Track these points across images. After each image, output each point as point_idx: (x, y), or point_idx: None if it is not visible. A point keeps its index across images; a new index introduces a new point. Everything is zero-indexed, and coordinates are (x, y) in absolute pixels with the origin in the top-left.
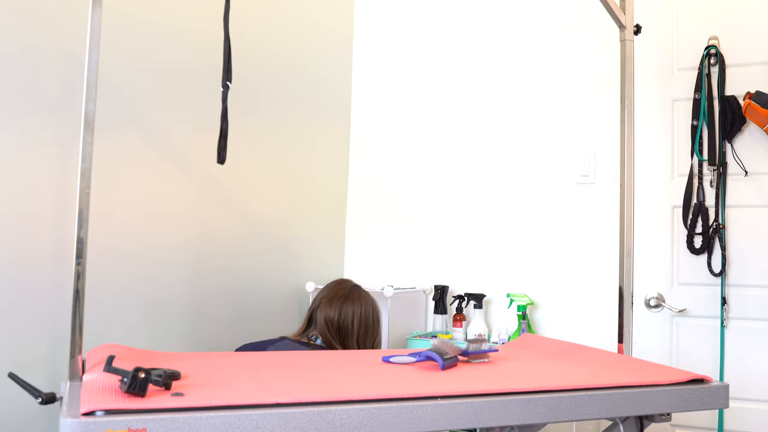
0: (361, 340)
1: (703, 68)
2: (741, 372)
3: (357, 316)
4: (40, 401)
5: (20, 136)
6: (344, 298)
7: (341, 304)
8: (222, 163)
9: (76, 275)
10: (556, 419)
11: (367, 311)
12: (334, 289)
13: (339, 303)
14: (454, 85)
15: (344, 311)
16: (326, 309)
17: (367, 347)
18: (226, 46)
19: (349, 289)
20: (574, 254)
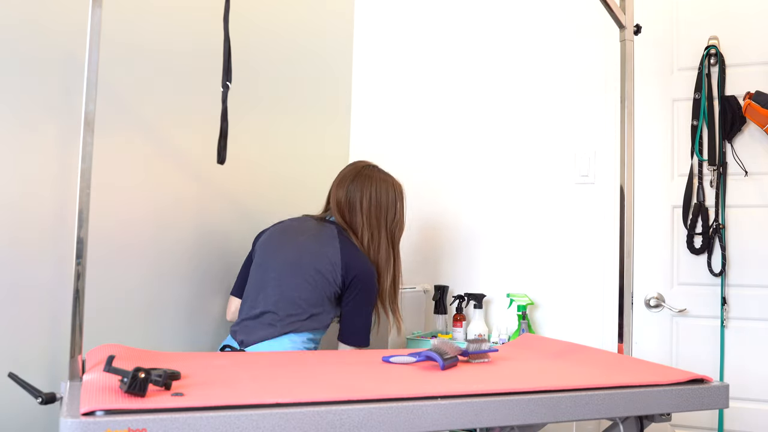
0: (374, 222)
1: (703, 68)
2: (741, 372)
3: (367, 196)
4: (40, 401)
5: (20, 136)
6: (353, 177)
7: (348, 184)
8: (222, 163)
9: (76, 275)
10: (556, 419)
11: (378, 190)
12: (345, 170)
13: (347, 183)
14: (453, 85)
15: (350, 190)
16: (336, 190)
17: (381, 230)
18: (226, 46)
19: (359, 168)
20: (574, 254)
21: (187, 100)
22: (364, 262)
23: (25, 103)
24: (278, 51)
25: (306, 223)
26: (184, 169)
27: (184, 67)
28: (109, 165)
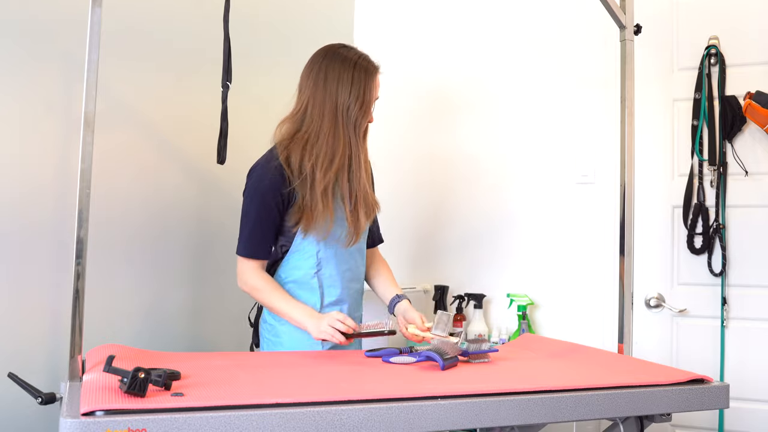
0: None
1: (703, 68)
2: (741, 372)
3: (313, 75)
4: (40, 401)
5: (20, 136)
6: (320, 56)
7: (310, 65)
8: (222, 162)
9: (76, 275)
10: (556, 419)
11: (333, 69)
12: (316, 51)
13: (312, 63)
14: (453, 85)
15: (308, 71)
16: (302, 75)
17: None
18: (226, 46)
19: (333, 45)
20: (574, 254)
21: (187, 100)
22: (261, 157)
23: (25, 103)
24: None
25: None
26: (184, 169)
27: (184, 67)
28: (109, 165)
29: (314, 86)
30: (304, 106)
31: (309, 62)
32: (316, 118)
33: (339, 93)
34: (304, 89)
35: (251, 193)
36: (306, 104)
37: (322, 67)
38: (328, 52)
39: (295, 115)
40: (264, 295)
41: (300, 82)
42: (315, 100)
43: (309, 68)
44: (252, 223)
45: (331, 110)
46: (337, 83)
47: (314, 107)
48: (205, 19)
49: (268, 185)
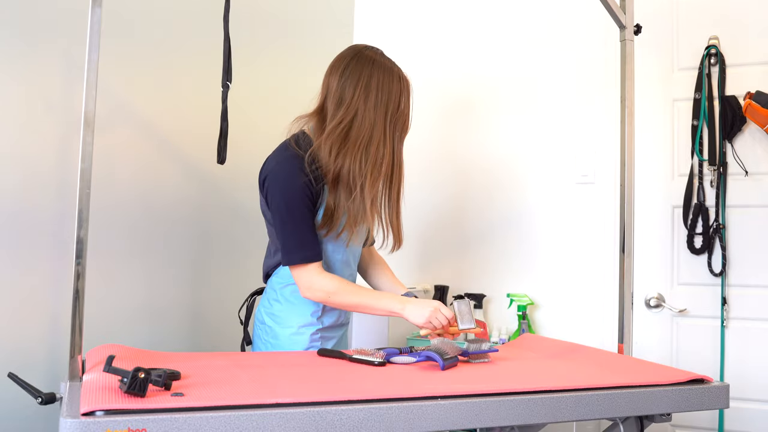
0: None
1: (703, 68)
2: (741, 372)
3: (364, 81)
4: (40, 401)
5: (20, 136)
6: (350, 59)
7: (344, 68)
8: (222, 162)
9: (76, 275)
10: (556, 419)
11: (382, 74)
12: (342, 52)
13: (341, 67)
14: (454, 85)
15: (345, 76)
16: (328, 77)
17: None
18: (226, 46)
19: (358, 49)
20: (574, 254)
21: (187, 100)
22: (275, 153)
23: (25, 103)
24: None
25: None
26: (184, 169)
27: (184, 67)
28: (109, 165)
29: (365, 95)
30: (351, 114)
31: (349, 66)
32: (367, 127)
33: (390, 103)
34: (348, 95)
35: (288, 194)
36: (354, 112)
37: (373, 75)
38: (371, 59)
39: (323, 113)
40: (343, 297)
41: (337, 86)
42: (366, 108)
43: (355, 74)
44: (299, 225)
45: (382, 120)
46: (387, 94)
47: (365, 116)
48: (205, 19)
49: (303, 184)
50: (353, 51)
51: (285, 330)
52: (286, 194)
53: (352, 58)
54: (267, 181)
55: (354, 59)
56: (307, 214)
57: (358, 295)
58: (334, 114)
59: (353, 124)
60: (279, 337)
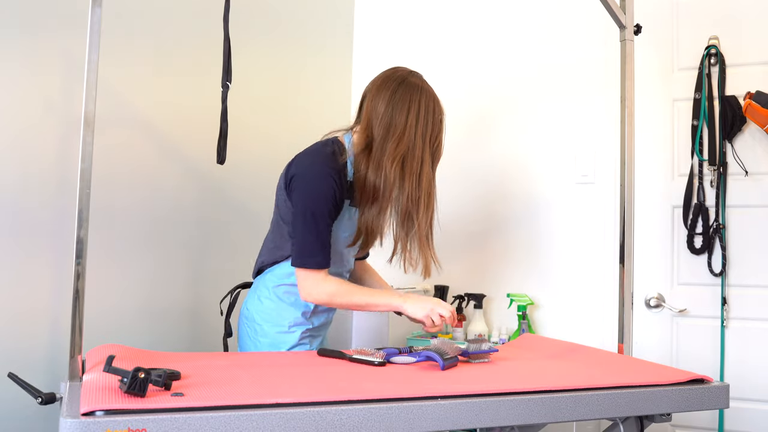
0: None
1: (703, 68)
2: (741, 372)
3: (415, 109)
4: (40, 401)
5: (20, 136)
6: (397, 84)
7: (391, 93)
8: (222, 162)
9: (76, 275)
10: (556, 419)
11: (428, 102)
12: (385, 74)
13: (388, 91)
14: (454, 85)
15: (395, 101)
16: (373, 99)
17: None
18: (226, 46)
19: (404, 75)
20: (574, 254)
21: (187, 100)
22: (308, 153)
23: (25, 103)
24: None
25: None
26: (184, 169)
27: (184, 67)
28: (109, 165)
29: (416, 124)
30: (406, 145)
31: (397, 92)
32: (418, 156)
33: (434, 132)
34: (400, 123)
35: (316, 199)
36: (409, 143)
37: (422, 103)
38: (418, 87)
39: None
40: (345, 298)
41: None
42: (416, 137)
43: (404, 101)
44: (321, 232)
45: (428, 149)
46: (432, 123)
47: (415, 144)
48: (205, 19)
49: (332, 192)
50: (400, 76)
51: (275, 328)
52: (315, 199)
53: (400, 83)
54: (295, 180)
55: (402, 85)
56: (329, 221)
57: (359, 295)
58: (384, 140)
59: (407, 154)
60: (268, 335)
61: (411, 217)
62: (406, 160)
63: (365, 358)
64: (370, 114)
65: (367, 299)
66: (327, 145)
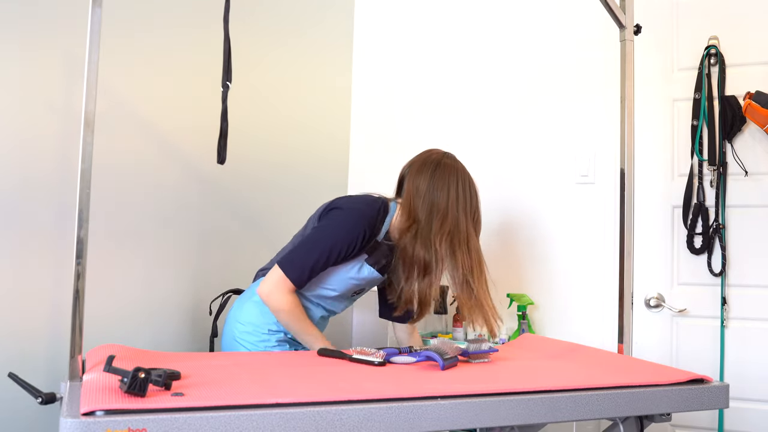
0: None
1: (703, 68)
2: (741, 372)
3: (454, 189)
4: (40, 401)
5: (20, 136)
6: (434, 166)
7: (431, 173)
8: (222, 162)
9: (76, 275)
10: (556, 419)
11: (464, 186)
12: (424, 154)
13: (428, 171)
14: (454, 85)
15: (435, 180)
16: (414, 177)
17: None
18: (226, 46)
19: (439, 157)
20: (574, 254)
21: (187, 100)
22: (356, 197)
23: (25, 103)
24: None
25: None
26: (184, 169)
27: (184, 67)
28: (109, 165)
29: (456, 202)
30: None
31: (436, 173)
32: (464, 231)
33: (474, 206)
34: (442, 202)
35: (341, 230)
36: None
37: (459, 182)
38: (454, 168)
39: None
40: (292, 319)
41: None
42: (458, 214)
43: (443, 181)
44: (322, 258)
45: (472, 223)
46: (470, 199)
47: (459, 220)
48: (205, 19)
49: (356, 237)
50: (435, 159)
51: (254, 331)
52: (338, 233)
53: (437, 166)
54: (334, 211)
55: (439, 167)
56: (334, 259)
57: (300, 324)
58: (429, 219)
59: (454, 230)
60: (247, 337)
61: (469, 285)
62: (454, 236)
63: (365, 358)
64: (412, 193)
65: (305, 337)
66: (376, 202)
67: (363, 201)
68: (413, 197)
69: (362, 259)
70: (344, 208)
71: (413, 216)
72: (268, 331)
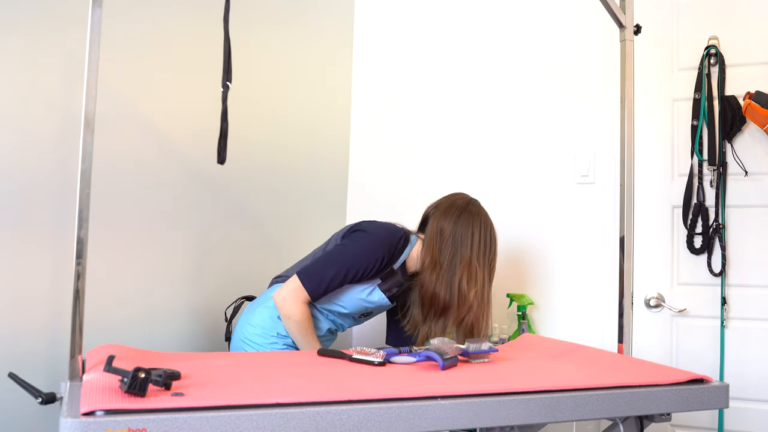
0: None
1: (703, 68)
2: (741, 372)
3: (477, 235)
4: (40, 401)
5: (20, 136)
6: (459, 211)
7: (456, 217)
8: (222, 162)
9: (76, 275)
10: (556, 419)
11: (486, 234)
12: (451, 200)
13: (454, 215)
14: (454, 85)
15: (460, 224)
16: (440, 218)
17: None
18: (226, 46)
19: (466, 203)
20: (574, 254)
21: (187, 100)
22: (382, 223)
23: (25, 103)
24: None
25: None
26: (184, 169)
27: (184, 67)
28: (109, 165)
29: (477, 249)
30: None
31: (461, 218)
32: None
33: (492, 253)
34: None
35: (361, 251)
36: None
37: (482, 228)
38: (478, 214)
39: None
40: (300, 329)
41: (450, 233)
42: (479, 259)
43: (467, 227)
44: (340, 274)
45: (488, 268)
46: (491, 245)
47: (477, 268)
48: (205, 19)
49: (375, 260)
50: (461, 205)
51: (263, 334)
52: (359, 253)
53: (462, 211)
54: (358, 232)
55: (465, 213)
56: (350, 278)
57: (306, 337)
58: (452, 263)
59: (472, 277)
60: (256, 340)
61: (473, 332)
62: (471, 283)
63: (365, 358)
64: (435, 234)
65: (308, 350)
66: (398, 232)
67: (386, 228)
68: (436, 239)
69: (375, 283)
70: (368, 231)
71: (435, 257)
72: (277, 335)
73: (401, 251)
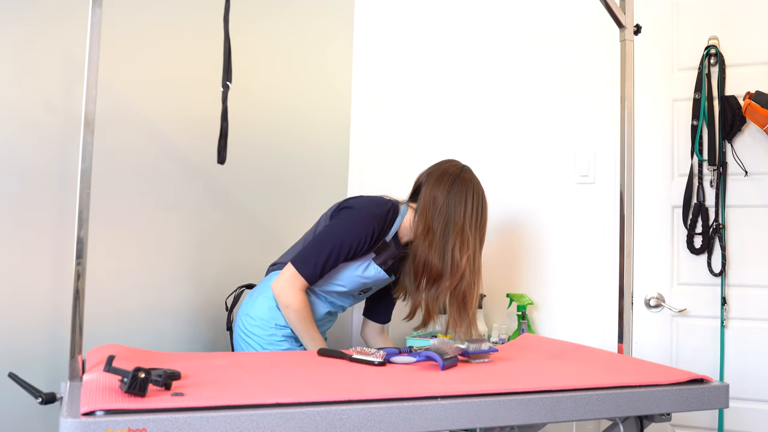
0: (475, 231)
1: (703, 68)
2: (741, 372)
3: (470, 204)
4: (40, 401)
5: (20, 136)
6: (453, 180)
7: (449, 186)
8: (222, 162)
9: (76, 275)
10: (556, 419)
11: (478, 201)
12: (443, 167)
13: (447, 184)
14: (454, 84)
15: (453, 194)
16: (433, 186)
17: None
18: (226, 45)
19: (460, 168)
20: (574, 254)
21: (187, 100)
22: (368, 197)
23: (25, 103)
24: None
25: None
26: (184, 169)
27: (184, 67)
28: (109, 165)
29: (471, 218)
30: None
31: (455, 186)
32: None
33: (484, 220)
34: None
35: (351, 228)
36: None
37: (476, 197)
38: (471, 181)
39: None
40: (298, 317)
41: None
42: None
43: (461, 195)
44: (333, 255)
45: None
46: (482, 213)
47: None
48: (205, 19)
49: (367, 235)
50: (454, 173)
51: (262, 325)
52: (348, 232)
53: (455, 179)
54: (345, 210)
55: (458, 180)
56: (344, 256)
57: (306, 326)
58: (445, 231)
59: (464, 244)
60: (255, 331)
61: (465, 299)
62: (463, 250)
63: (365, 358)
64: (428, 202)
65: (307, 339)
66: (386, 204)
67: (373, 201)
68: (429, 207)
69: (370, 258)
70: (355, 207)
71: (428, 225)
72: (276, 326)
73: (392, 222)
